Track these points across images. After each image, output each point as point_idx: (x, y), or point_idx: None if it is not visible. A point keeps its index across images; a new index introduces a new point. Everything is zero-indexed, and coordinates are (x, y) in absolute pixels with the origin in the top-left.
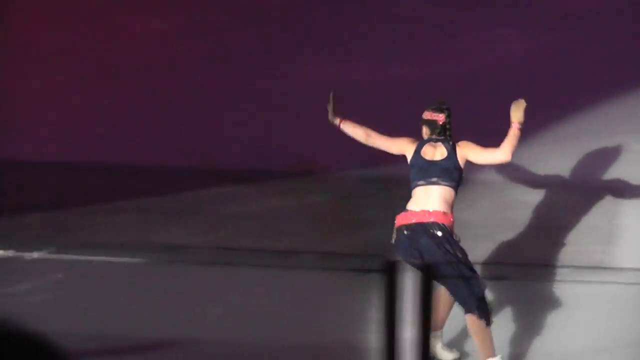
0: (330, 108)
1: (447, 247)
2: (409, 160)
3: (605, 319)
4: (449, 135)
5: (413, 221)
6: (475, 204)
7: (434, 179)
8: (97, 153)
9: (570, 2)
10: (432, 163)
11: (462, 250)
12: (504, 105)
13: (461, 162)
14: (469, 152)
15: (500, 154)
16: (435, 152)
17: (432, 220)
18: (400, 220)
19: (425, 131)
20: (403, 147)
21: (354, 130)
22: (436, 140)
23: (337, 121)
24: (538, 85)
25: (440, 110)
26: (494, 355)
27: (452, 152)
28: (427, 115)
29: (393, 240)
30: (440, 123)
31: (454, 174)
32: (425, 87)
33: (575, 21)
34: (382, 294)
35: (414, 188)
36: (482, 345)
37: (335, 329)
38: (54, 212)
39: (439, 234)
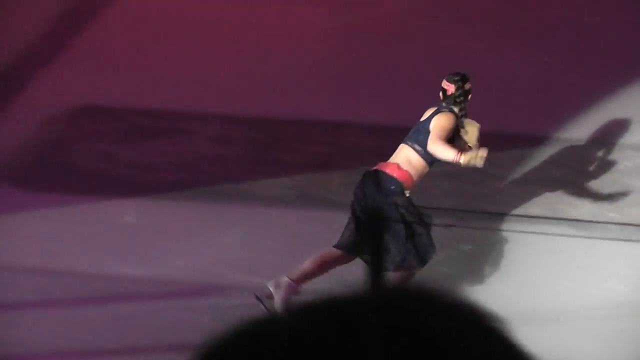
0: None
1: (390, 197)
2: None
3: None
4: (460, 107)
5: (374, 168)
6: None
7: (406, 138)
8: None
9: None
10: (418, 122)
11: (408, 207)
12: None
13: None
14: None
15: (431, 146)
16: (426, 113)
17: (386, 170)
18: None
19: (441, 97)
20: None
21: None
22: (440, 107)
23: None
24: None
25: (453, 82)
26: None
27: (433, 117)
28: (443, 83)
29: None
30: (449, 93)
31: (420, 137)
32: None
33: None
34: None
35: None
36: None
37: None
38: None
39: (387, 184)
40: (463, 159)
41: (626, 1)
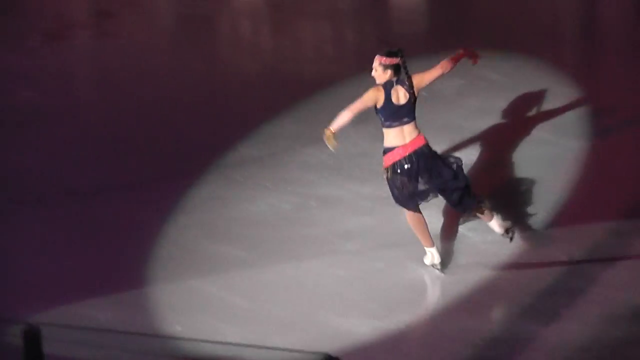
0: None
1: (443, 158)
2: (379, 105)
3: None
4: (406, 74)
5: (409, 152)
6: None
7: (405, 119)
8: None
9: None
10: (401, 107)
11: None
12: None
13: (417, 93)
14: (423, 81)
15: (440, 70)
16: (400, 96)
17: (423, 142)
18: (394, 157)
19: (390, 74)
20: (375, 98)
21: (342, 122)
22: (396, 83)
23: (331, 134)
24: None
25: (395, 54)
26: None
27: (411, 91)
28: (387, 60)
29: (388, 178)
30: (398, 64)
31: (414, 108)
32: None
33: None
34: None
35: (388, 128)
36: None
37: None
38: None
39: (433, 150)
40: None
41: None
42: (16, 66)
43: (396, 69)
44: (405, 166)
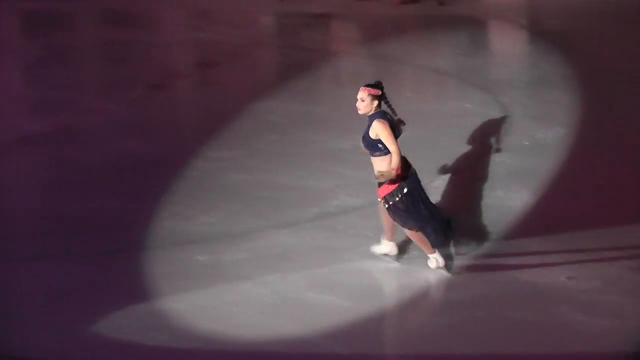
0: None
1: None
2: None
3: None
4: (388, 105)
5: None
6: None
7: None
8: None
9: None
10: (399, 132)
11: None
12: None
13: None
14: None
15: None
16: (399, 122)
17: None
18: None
19: (376, 105)
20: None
21: (398, 158)
22: (393, 111)
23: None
24: None
25: (377, 86)
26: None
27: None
28: (373, 91)
29: (397, 199)
30: (381, 95)
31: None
32: None
33: None
34: None
35: (387, 155)
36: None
37: None
38: None
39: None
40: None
41: None
42: (119, 115)
43: (380, 99)
44: (409, 185)
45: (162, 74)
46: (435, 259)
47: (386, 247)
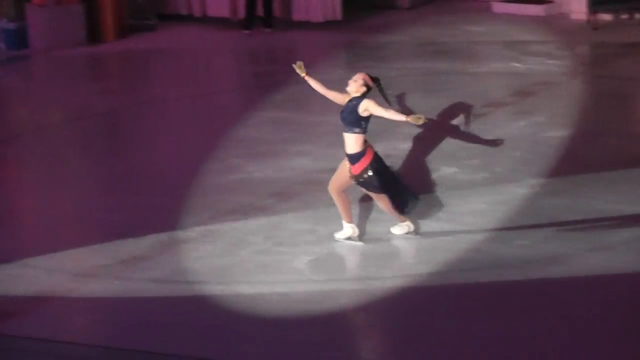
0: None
1: None
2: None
3: None
4: (384, 97)
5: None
6: None
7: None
8: None
9: None
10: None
11: None
12: None
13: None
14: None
15: (388, 114)
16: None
17: None
18: (371, 154)
19: (363, 91)
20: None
21: (315, 84)
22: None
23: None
24: None
25: (376, 80)
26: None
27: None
28: (370, 81)
29: (371, 172)
30: (372, 86)
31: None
32: None
33: None
34: None
35: (362, 135)
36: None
37: None
38: None
39: None
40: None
41: None
42: (440, 142)
43: (368, 90)
44: (378, 157)
45: (481, 102)
46: (407, 226)
47: (347, 230)
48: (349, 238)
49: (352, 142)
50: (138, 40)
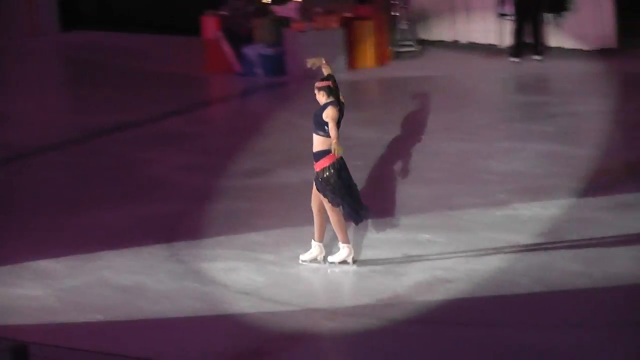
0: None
1: None
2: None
3: None
4: (336, 95)
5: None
6: None
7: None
8: None
9: None
10: (340, 120)
11: None
12: None
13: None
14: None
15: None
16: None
17: None
18: (332, 156)
19: (324, 95)
20: (337, 113)
21: (337, 132)
22: (339, 102)
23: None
24: None
25: (326, 79)
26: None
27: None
28: (320, 84)
29: (327, 174)
30: (332, 87)
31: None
32: None
33: None
34: None
35: (324, 137)
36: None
37: None
38: None
39: None
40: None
41: None
42: None
43: (327, 90)
44: (341, 162)
45: None
46: (347, 248)
47: (315, 250)
48: (314, 259)
49: (317, 143)
50: (400, 66)
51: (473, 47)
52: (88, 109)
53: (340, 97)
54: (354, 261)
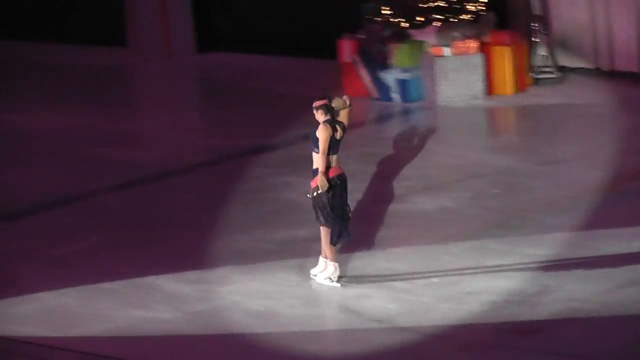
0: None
1: None
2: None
3: None
4: (332, 114)
5: (338, 173)
6: None
7: (335, 151)
8: None
9: None
10: (338, 140)
11: None
12: None
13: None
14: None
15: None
16: (338, 132)
17: (342, 170)
18: (332, 173)
19: (322, 114)
20: (328, 133)
21: (326, 163)
22: (335, 122)
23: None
24: None
25: (322, 98)
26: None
27: (344, 129)
28: (316, 103)
29: (318, 193)
30: (329, 105)
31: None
32: None
33: None
34: None
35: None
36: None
37: None
38: None
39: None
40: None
41: None
42: None
43: (324, 109)
44: (338, 182)
45: None
46: (333, 266)
47: (330, 268)
48: (329, 278)
49: (315, 159)
50: (539, 93)
51: (615, 75)
52: (222, 131)
53: (344, 118)
54: (339, 279)
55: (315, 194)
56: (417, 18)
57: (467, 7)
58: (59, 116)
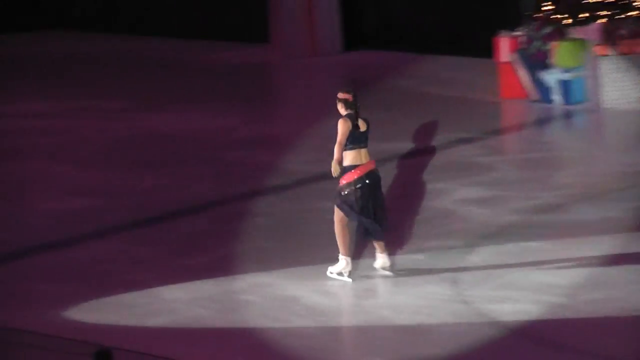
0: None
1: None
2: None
3: None
4: (358, 108)
5: (366, 171)
6: None
7: (362, 144)
8: None
9: None
10: (362, 133)
11: None
12: None
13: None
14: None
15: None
16: (363, 125)
17: (374, 166)
18: (355, 174)
19: (344, 108)
20: (347, 126)
21: (339, 154)
22: (358, 115)
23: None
24: None
25: (347, 92)
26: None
27: (367, 122)
28: (341, 95)
29: (348, 191)
30: (351, 100)
31: (368, 136)
32: None
33: None
34: None
35: (350, 150)
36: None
37: None
38: None
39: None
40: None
41: None
42: None
43: (345, 103)
44: (366, 181)
45: None
46: (346, 261)
47: (342, 263)
48: (340, 273)
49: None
50: None
51: None
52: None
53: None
54: (350, 273)
55: (346, 191)
56: (581, 14)
57: (635, 3)
58: (197, 116)
